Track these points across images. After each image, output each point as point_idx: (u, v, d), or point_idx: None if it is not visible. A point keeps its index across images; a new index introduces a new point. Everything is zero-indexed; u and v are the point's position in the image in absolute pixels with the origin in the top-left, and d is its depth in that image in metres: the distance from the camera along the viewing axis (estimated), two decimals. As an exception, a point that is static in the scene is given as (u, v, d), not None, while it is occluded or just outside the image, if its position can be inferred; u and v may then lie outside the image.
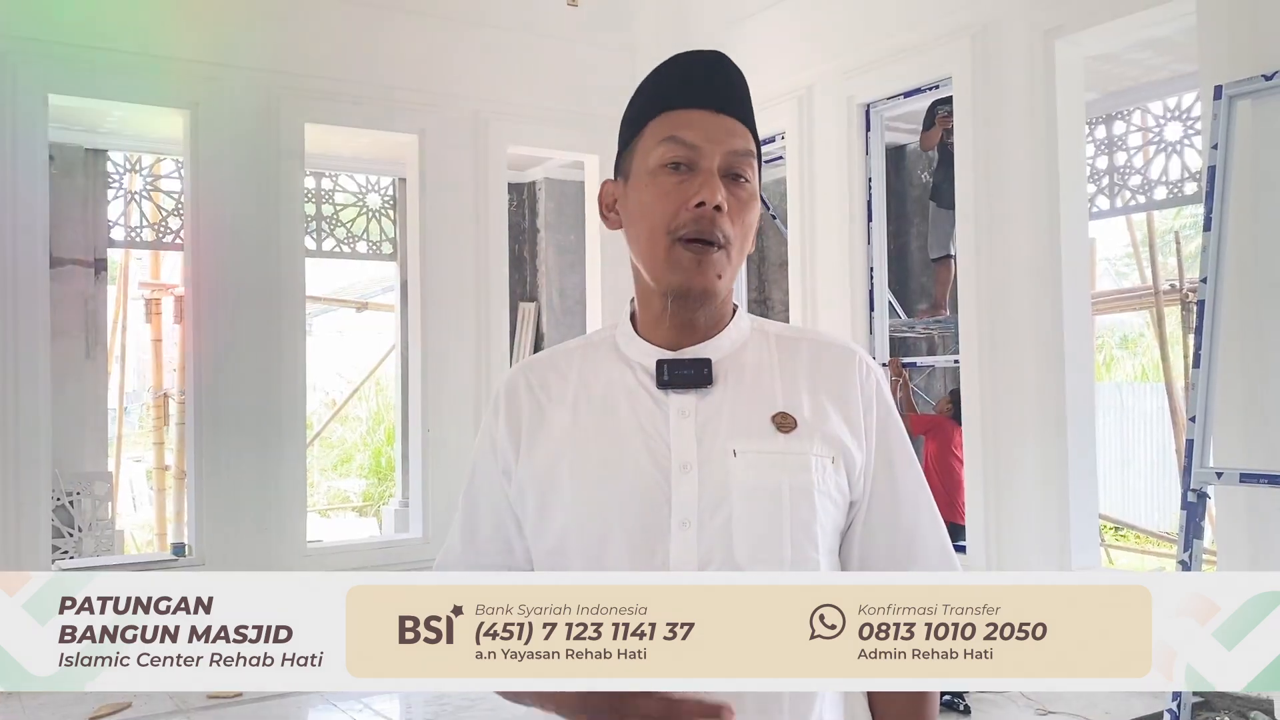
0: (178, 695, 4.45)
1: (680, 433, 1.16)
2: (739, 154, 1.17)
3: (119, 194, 7.39)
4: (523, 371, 1.27)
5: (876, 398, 1.24)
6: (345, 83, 5.96)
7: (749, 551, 1.12)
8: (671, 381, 1.18)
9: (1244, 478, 3.42)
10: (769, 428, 1.17)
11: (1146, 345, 11.59)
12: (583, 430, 1.19)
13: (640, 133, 1.20)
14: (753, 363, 1.22)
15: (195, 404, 5.59)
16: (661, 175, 1.16)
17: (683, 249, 1.15)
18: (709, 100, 1.18)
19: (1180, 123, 6.36)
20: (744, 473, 1.14)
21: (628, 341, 1.24)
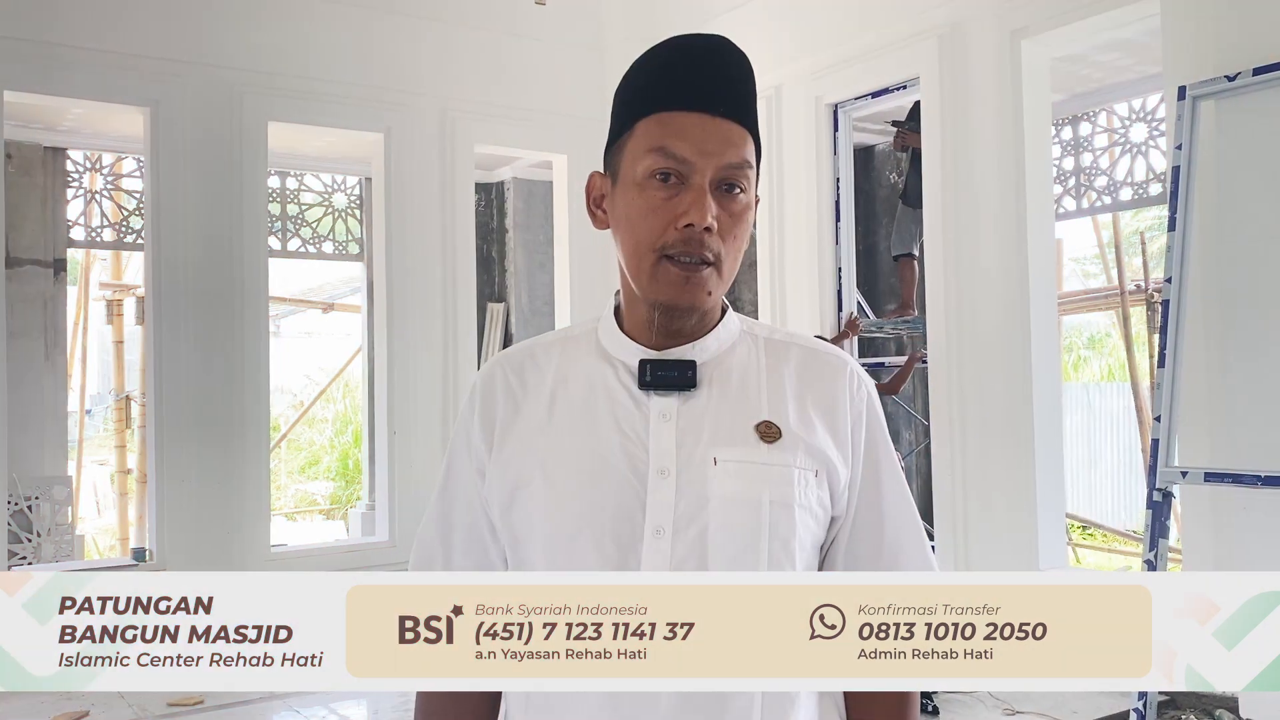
0: (137, 702, 4.37)
1: (660, 436, 1.12)
2: (734, 166, 1.11)
3: (79, 193, 7.28)
4: (499, 364, 1.22)
5: (867, 411, 1.20)
6: (310, 80, 5.89)
7: (724, 564, 1.08)
8: (654, 382, 1.14)
9: (1208, 477, 3.43)
10: (752, 436, 1.13)
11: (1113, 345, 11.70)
12: (558, 428, 1.14)
13: (630, 130, 1.14)
14: (739, 367, 1.18)
15: (157, 407, 5.50)
16: (649, 187, 1.11)
17: (670, 265, 1.10)
18: (704, 102, 1.11)
19: (1145, 124, 6.40)
20: (724, 482, 1.10)
21: (610, 337, 1.19)
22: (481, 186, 8.19)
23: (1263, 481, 3.26)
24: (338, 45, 5.96)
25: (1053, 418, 4.80)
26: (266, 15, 5.77)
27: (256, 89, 5.74)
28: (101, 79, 5.39)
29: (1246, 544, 3.74)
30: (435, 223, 6.27)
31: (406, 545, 6.04)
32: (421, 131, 6.23)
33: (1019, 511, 4.72)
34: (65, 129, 6.83)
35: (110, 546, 8.86)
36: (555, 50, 6.60)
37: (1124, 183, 6.57)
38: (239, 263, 5.68)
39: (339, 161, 7.89)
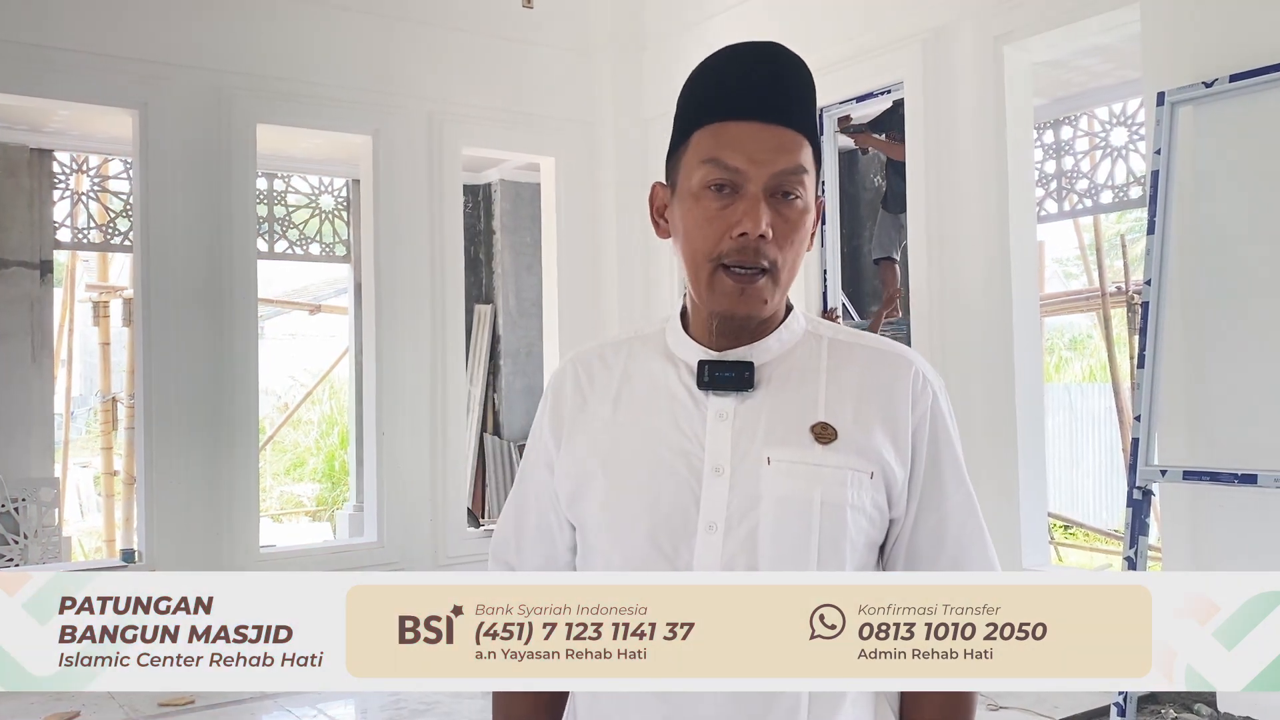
0: (128, 703, 4.38)
1: (716, 435, 1.14)
2: (788, 172, 1.12)
3: (65, 194, 7.27)
4: (571, 363, 1.28)
5: (931, 413, 1.20)
6: (298, 83, 5.90)
7: (773, 561, 1.10)
8: (711, 383, 1.16)
9: (1187, 475, 3.50)
10: (807, 437, 1.14)
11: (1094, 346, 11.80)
12: (620, 425, 1.19)
13: (686, 142, 1.16)
14: (799, 368, 1.19)
15: (145, 408, 5.51)
16: (705, 197, 1.13)
17: (726, 276, 1.12)
18: (758, 111, 1.12)
19: (1125, 128, 6.49)
20: (776, 481, 1.12)
21: (675, 337, 1.22)
22: (469, 188, 8.21)
23: (1239, 479, 3.32)
24: (326, 48, 5.98)
25: (1035, 418, 4.87)
26: (255, 17, 5.78)
27: (245, 91, 5.75)
28: (89, 81, 5.39)
29: (1223, 541, 3.81)
30: (423, 224, 6.29)
31: (395, 546, 6.06)
32: (409, 133, 6.26)
33: (1002, 510, 4.78)
34: (52, 130, 6.82)
35: (96, 549, 8.84)
36: (542, 52, 6.63)
37: (1105, 186, 6.66)
38: (228, 264, 5.69)
39: (326, 163, 7.90)
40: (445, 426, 6.29)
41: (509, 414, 8.23)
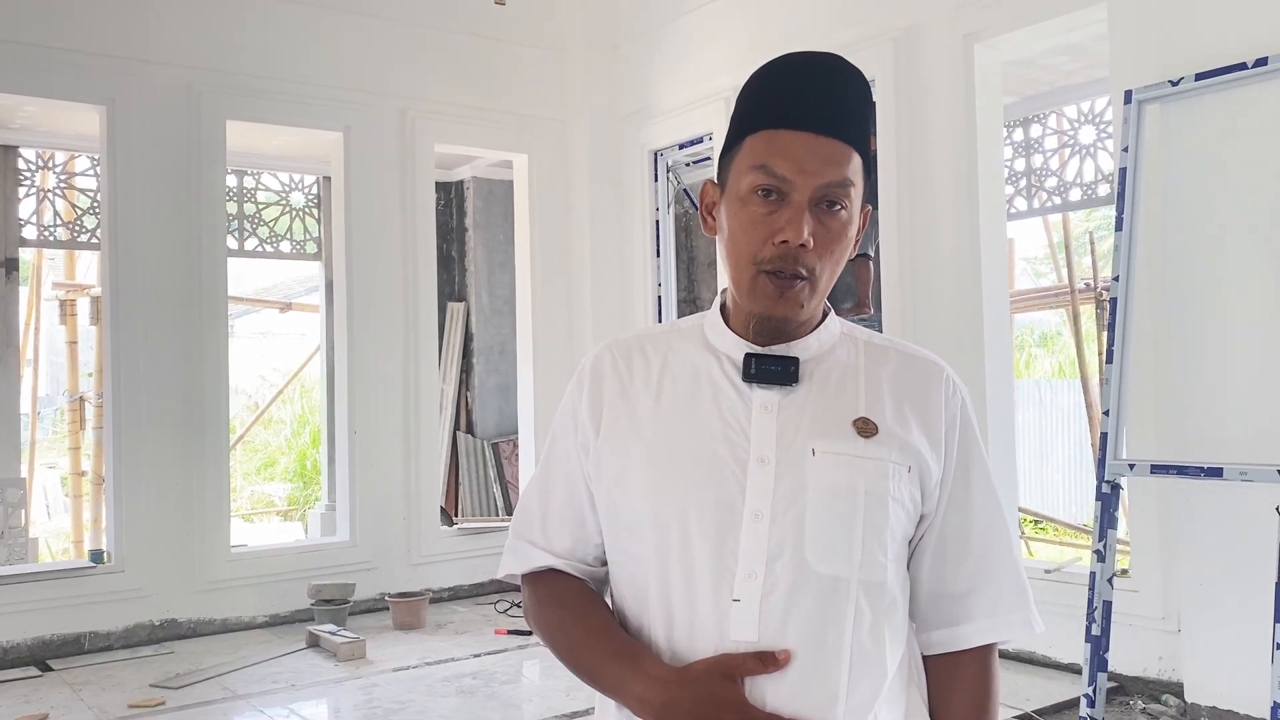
0: (97, 705, 4.34)
1: (761, 427, 1.17)
2: (834, 185, 1.14)
3: (31, 191, 7.17)
4: (609, 350, 1.29)
5: (960, 416, 1.26)
6: (268, 79, 5.86)
7: (819, 550, 1.14)
8: (758, 376, 1.19)
9: (1155, 469, 3.54)
10: (850, 431, 1.18)
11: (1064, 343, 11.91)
12: (664, 415, 1.21)
13: (739, 145, 1.19)
14: (839, 366, 1.23)
15: (114, 408, 5.45)
16: (752, 202, 1.16)
17: (767, 280, 1.15)
18: (811, 122, 1.14)
19: (1093, 126, 6.55)
20: (821, 472, 1.15)
21: (716, 332, 1.25)
22: (441, 185, 8.18)
23: (1205, 473, 3.37)
24: (297, 44, 5.94)
25: (1005, 414, 4.91)
26: (226, 12, 5.73)
27: (215, 87, 5.70)
28: (56, 76, 5.33)
29: (1190, 534, 3.86)
30: (395, 222, 6.26)
31: (368, 545, 6.03)
32: (381, 130, 6.22)
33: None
34: (17, 126, 6.73)
35: (64, 550, 8.73)
36: (515, 50, 6.62)
37: (1073, 183, 6.71)
38: (197, 262, 5.64)
39: (297, 160, 7.84)
40: (418, 425, 6.27)
41: (482, 412, 8.20)
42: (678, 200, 7.25)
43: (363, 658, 4.97)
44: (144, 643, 5.35)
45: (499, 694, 4.46)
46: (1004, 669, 4.58)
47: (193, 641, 5.41)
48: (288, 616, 5.74)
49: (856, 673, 1.14)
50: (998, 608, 1.25)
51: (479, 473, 8.04)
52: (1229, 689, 3.75)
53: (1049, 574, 4.61)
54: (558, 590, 1.27)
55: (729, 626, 1.12)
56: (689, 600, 1.14)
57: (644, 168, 6.72)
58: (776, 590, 1.12)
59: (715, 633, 1.13)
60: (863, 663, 1.15)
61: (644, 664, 1.14)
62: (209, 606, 5.57)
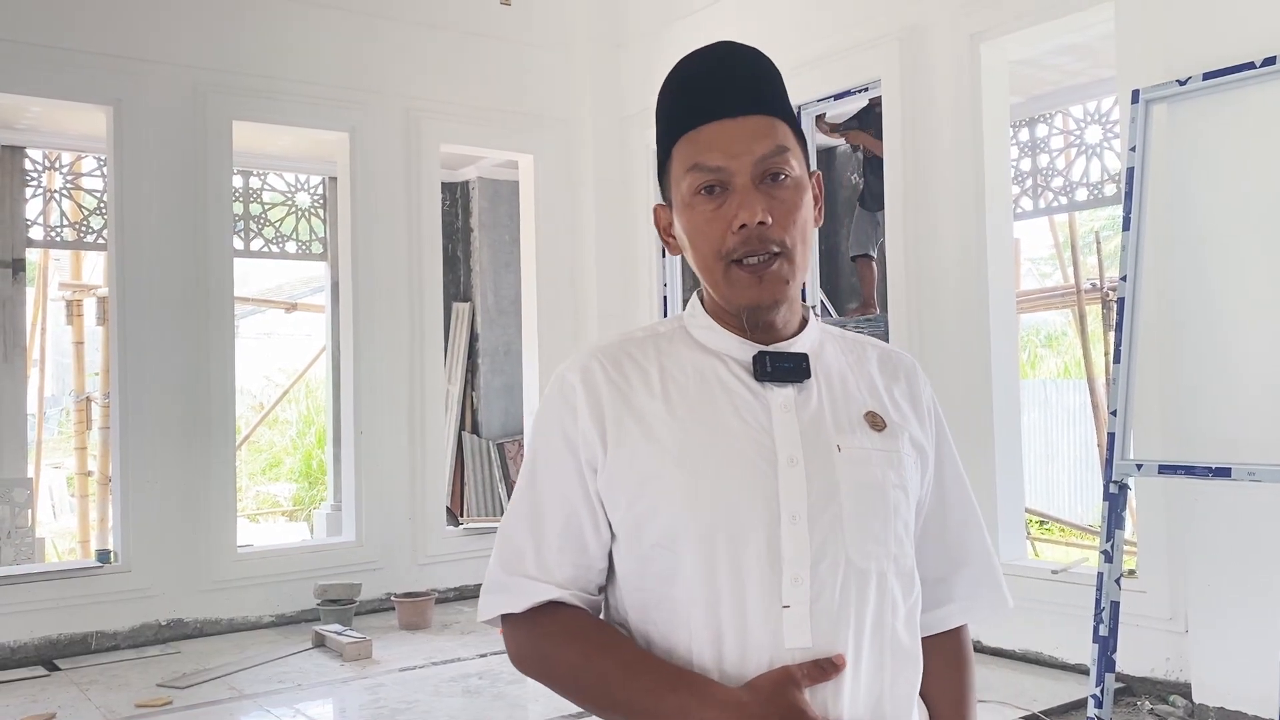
0: (104, 704, 4.35)
1: (784, 426, 1.15)
2: (769, 155, 1.13)
3: (37, 192, 7.18)
4: (595, 359, 1.21)
5: (935, 405, 1.29)
6: (274, 79, 5.86)
7: (859, 547, 1.13)
8: (774, 374, 1.17)
9: (1162, 469, 3.53)
10: (863, 425, 1.19)
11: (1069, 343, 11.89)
12: (681, 420, 1.15)
13: (669, 158, 1.19)
14: (834, 362, 1.23)
15: (120, 408, 5.46)
16: (697, 203, 1.15)
17: (740, 270, 1.14)
18: (723, 108, 1.14)
19: (1100, 126, 6.54)
20: (850, 468, 1.15)
21: (709, 334, 1.21)
22: (447, 186, 8.18)
23: (1213, 473, 3.36)
24: (303, 44, 5.94)
25: (1011, 414, 4.90)
26: (232, 13, 5.74)
27: (221, 88, 5.71)
28: (62, 76, 5.34)
29: (1198, 535, 3.85)
30: (401, 222, 6.27)
31: (374, 545, 6.04)
32: (386, 131, 6.23)
33: (979, 504, 4.80)
34: (23, 127, 6.74)
35: (70, 550, 8.75)
36: (521, 50, 6.62)
37: (1080, 183, 6.71)
38: (203, 263, 5.65)
39: (302, 160, 7.84)
40: (423, 425, 6.27)
41: (487, 412, 8.21)
42: (683, 200, 7.24)
43: (369, 658, 4.98)
44: (150, 642, 5.36)
45: (505, 694, 4.46)
46: (1011, 669, 4.58)
47: (199, 641, 5.42)
48: (294, 616, 5.75)
49: (897, 666, 1.16)
50: (974, 589, 1.30)
51: (484, 473, 8.05)
52: (1236, 690, 3.74)
53: (1055, 575, 4.60)
54: (569, 625, 1.17)
55: (782, 635, 1.09)
56: (738, 612, 1.09)
57: (649, 167, 6.72)
58: (824, 593, 1.10)
59: (769, 643, 1.09)
60: (901, 656, 1.16)
61: (707, 689, 1.07)
62: (215, 606, 5.58)
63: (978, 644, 4.82)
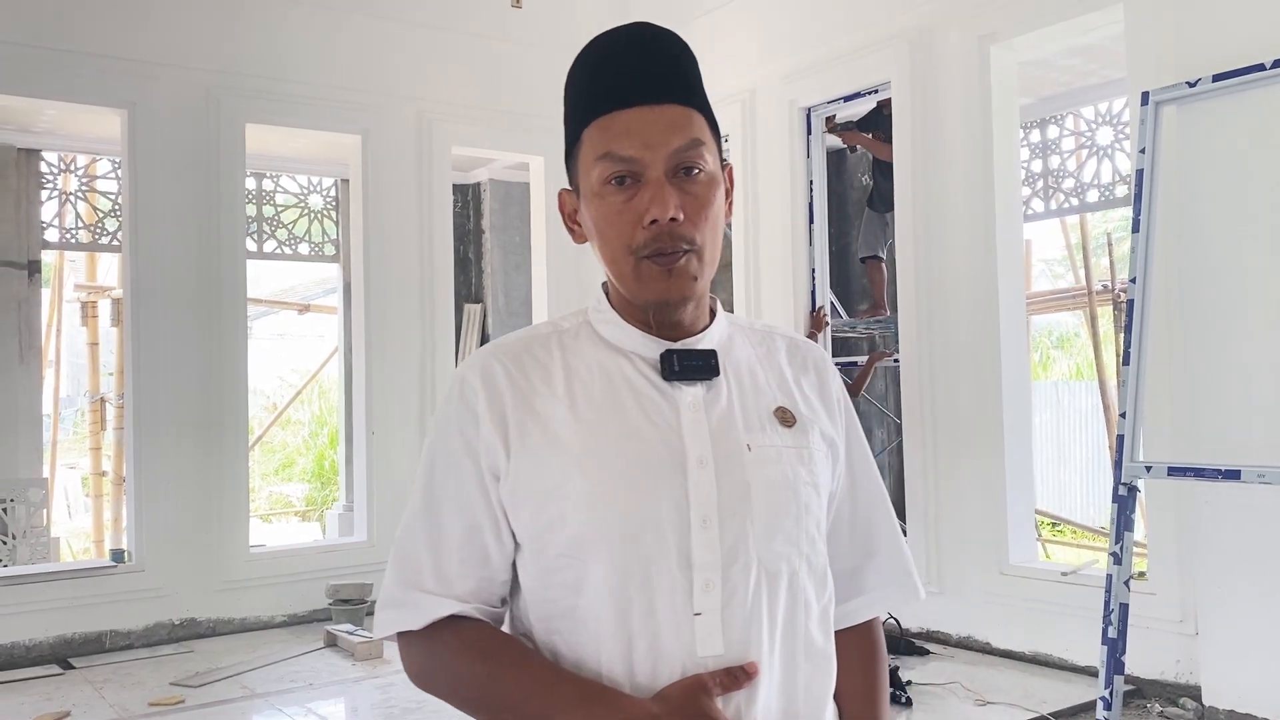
0: (118, 703, 4.38)
1: (693, 426, 1.10)
2: (684, 149, 1.08)
3: (53, 194, 7.24)
4: (494, 359, 1.15)
5: (844, 395, 1.26)
6: (287, 82, 5.90)
7: (770, 549, 1.10)
8: (681, 373, 1.12)
9: (1172, 471, 3.53)
10: (773, 421, 1.15)
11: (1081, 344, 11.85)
12: (586, 424, 1.10)
13: (578, 142, 1.14)
14: (744, 357, 1.19)
15: (134, 408, 5.50)
16: (607, 194, 1.10)
17: (650, 265, 1.09)
18: (640, 94, 1.09)
19: (1111, 127, 6.52)
20: (760, 468, 1.11)
21: (615, 330, 1.16)
22: (458, 188, 8.21)
23: (1222, 475, 3.35)
24: (315, 47, 5.98)
25: (1021, 415, 4.90)
26: (244, 17, 5.78)
27: (234, 91, 5.75)
28: (78, 80, 5.38)
29: (1208, 537, 3.85)
30: (412, 224, 6.30)
31: (386, 545, 6.04)
32: (398, 133, 6.26)
33: (989, 507, 4.81)
34: (40, 130, 6.80)
35: (84, 549, 8.81)
36: (531, 52, 6.64)
37: (1090, 185, 6.69)
38: (217, 264, 5.69)
39: (315, 163, 7.89)
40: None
41: (499, 413, 8.22)
42: (693, 202, 7.25)
43: (380, 657, 5.00)
44: (164, 641, 5.40)
45: (515, 694, 4.47)
46: (1020, 671, 4.58)
47: (212, 640, 5.45)
48: (305, 616, 5.78)
49: (811, 668, 1.13)
50: (886, 580, 1.26)
51: (495, 474, 8.06)
52: (1247, 692, 3.73)
53: (1065, 576, 4.60)
54: (472, 640, 1.10)
55: (694, 643, 1.05)
56: (649, 622, 1.05)
57: (660, 170, 6.74)
58: (736, 597, 1.07)
59: (681, 653, 1.05)
60: (815, 657, 1.14)
61: (616, 702, 1.03)
62: (228, 606, 5.62)
63: (987, 646, 4.82)
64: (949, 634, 4.98)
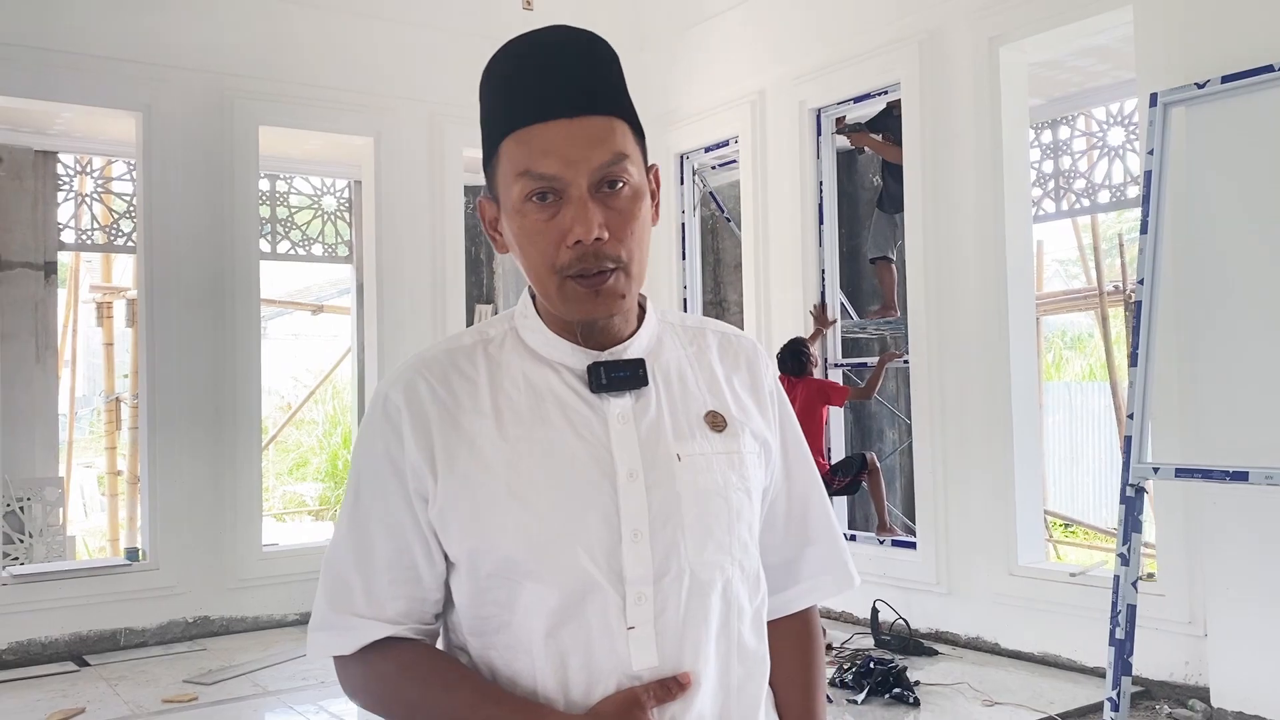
0: (132, 700, 4.43)
1: (622, 438, 1.09)
2: (608, 164, 1.04)
3: (69, 196, 7.30)
4: (419, 376, 1.11)
5: (778, 388, 1.25)
6: (300, 85, 5.95)
7: (701, 559, 1.09)
8: (609, 385, 1.10)
9: (1179, 472, 3.53)
10: (703, 427, 1.13)
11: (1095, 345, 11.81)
12: (513, 441, 1.08)
13: (495, 152, 1.08)
14: (673, 360, 1.17)
15: (149, 408, 5.56)
16: (528, 211, 1.05)
17: (575, 285, 1.05)
18: (559, 107, 1.04)
19: (1122, 128, 6.51)
20: (691, 478, 1.10)
21: (542, 340, 1.13)
22: (470, 189, 8.24)
23: (1230, 477, 3.36)
24: (328, 50, 6.02)
25: (1031, 416, 4.90)
26: (257, 20, 5.83)
27: (248, 94, 5.80)
28: (93, 83, 5.44)
29: (1217, 539, 3.85)
30: (425, 225, 6.33)
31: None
32: (411, 135, 6.30)
33: (998, 508, 4.81)
34: (56, 133, 6.86)
35: (100, 548, 8.88)
36: (543, 55, 6.66)
37: (1102, 185, 6.68)
38: (230, 265, 5.74)
39: (328, 164, 7.92)
40: (446, 426, 6.32)
41: (510, 413, 8.25)
42: (704, 203, 7.27)
43: (391, 656, 5.03)
44: (178, 639, 5.45)
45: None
46: (1029, 672, 4.57)
47: (225, 638, 5.50)
48: (318, 615, 5.82)
49: (744, 670, 1.13)
50: (821, 569, 1.26)
51: (507, 474, 8.09)
52: (1255, 693, 3.73)
53: (1074, 577, 4.60)
54: (406, 662, 1.10)
55: (629, 657, 1.05)
56: (582, 638, 1.05)
57: (670, 171, 6.76)
58: (669, 609, 1.06)
59: (615, 667, 1.05)
60: (748, 660, 1.14)
61: (546, 717, 1.03)
62: (241, 604, 5.66)
63: (996, 646, 4.82)
64: (958, 634, 4.99)
